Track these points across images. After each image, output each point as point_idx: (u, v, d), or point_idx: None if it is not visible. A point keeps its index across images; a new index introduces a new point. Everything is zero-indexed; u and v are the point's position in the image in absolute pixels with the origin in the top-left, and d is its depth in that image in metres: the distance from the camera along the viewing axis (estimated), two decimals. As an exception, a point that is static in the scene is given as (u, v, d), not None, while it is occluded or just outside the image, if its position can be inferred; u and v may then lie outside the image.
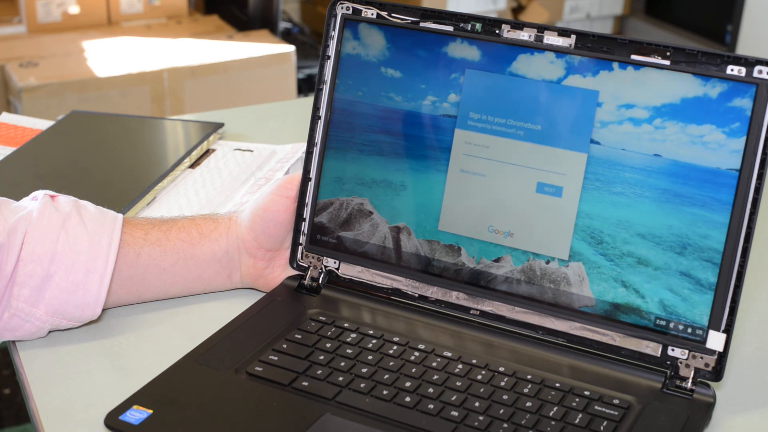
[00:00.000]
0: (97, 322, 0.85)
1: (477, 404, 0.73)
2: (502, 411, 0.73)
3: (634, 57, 0.77)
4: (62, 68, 2.50)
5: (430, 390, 0.75)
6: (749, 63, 0.73)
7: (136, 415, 0.72)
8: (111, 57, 2.59)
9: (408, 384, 0.76)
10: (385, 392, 0.75)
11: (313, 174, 0.88)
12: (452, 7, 3.35)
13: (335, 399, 0.74)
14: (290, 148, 1.18)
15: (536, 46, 0.80)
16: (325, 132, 0.87)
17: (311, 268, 0.89)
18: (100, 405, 0.74)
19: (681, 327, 0.76)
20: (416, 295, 0.85)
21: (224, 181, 1.10)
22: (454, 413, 0.72)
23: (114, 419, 0.72)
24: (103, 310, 0.84)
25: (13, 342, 0.82)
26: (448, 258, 0.84)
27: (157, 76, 2.51)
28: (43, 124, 1.24)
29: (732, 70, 0.74)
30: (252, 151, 1.18)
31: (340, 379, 0.76)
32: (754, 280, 0.92)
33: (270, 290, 0.89)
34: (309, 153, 0.88)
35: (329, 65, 0.87)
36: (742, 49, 2.94)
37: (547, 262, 0.80)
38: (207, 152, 1.18)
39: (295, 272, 0.90)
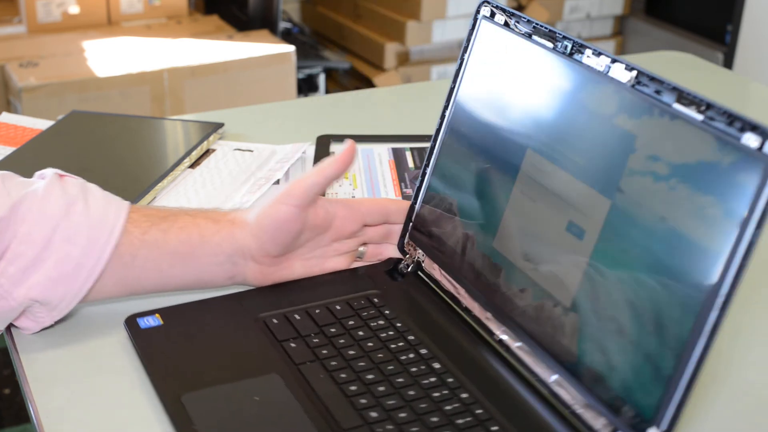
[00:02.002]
0: (96, 321, 0.85)
1: (404, 415, 0.71)
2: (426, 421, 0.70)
3: (675, 105, 0.68)
4: (62, 68, 2.50)
5: (381, 388, 0.73)
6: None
7: (150, 321, 0.79)
8: (111, 57, 2.59)
9: (371, 377, 0.74)
10: (343, 375, 0.74)
11: (430, 167, 0.91)
12: (452, 7, 3.32)
13: (298, 365, 0.75)
14: (290, 148, 1.18)
15: (603, 77, 0.74)
16: (447, 127, 0.89)
17: (409, 255, 0.92)
18: (101, 405, 0.74)
19: (630, 414, 0.67)
20: (464, 306, 0.84)
21: (224, 181, 1.10)
22: (374, 414, 0.70)
23: (132, 320, 0.80)
24: (94, 303, 0.85)
25: (13, 342, 0.82)
26: (492, 277, 0.81)
27: (157, 76, 2.52)
28: (43, 124, 1.24)
29: (748, 139, 0.63)
30: (252, 151, 1.18)
31: (324, 352, 0.77)
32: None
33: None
34: (433, 146, 0.91)
35: (465, 65, 0.88)
36: (742, 49, 2.94)
37: (554, 306, 0.75)
38: (207, 152, 1.18)
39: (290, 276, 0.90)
